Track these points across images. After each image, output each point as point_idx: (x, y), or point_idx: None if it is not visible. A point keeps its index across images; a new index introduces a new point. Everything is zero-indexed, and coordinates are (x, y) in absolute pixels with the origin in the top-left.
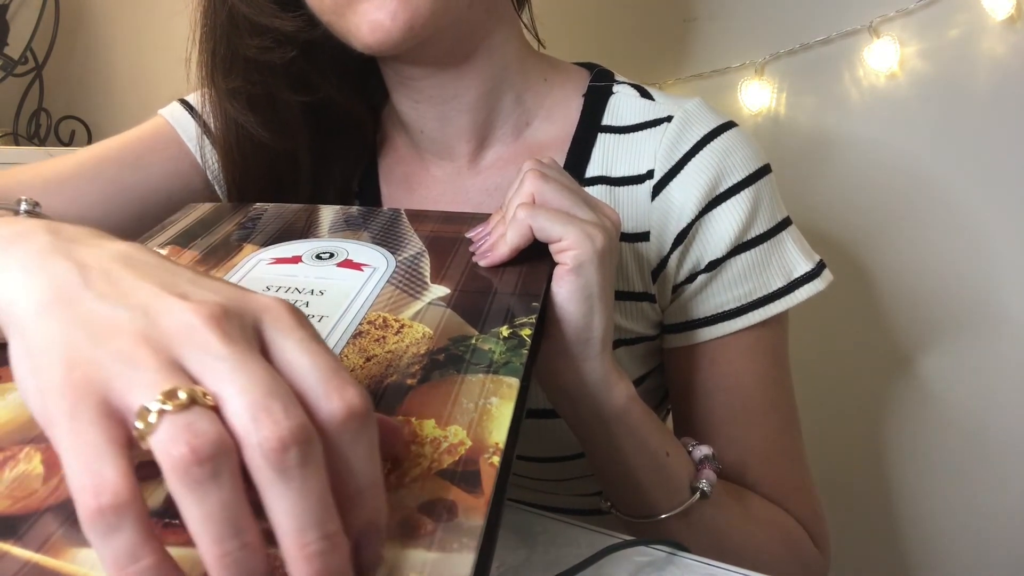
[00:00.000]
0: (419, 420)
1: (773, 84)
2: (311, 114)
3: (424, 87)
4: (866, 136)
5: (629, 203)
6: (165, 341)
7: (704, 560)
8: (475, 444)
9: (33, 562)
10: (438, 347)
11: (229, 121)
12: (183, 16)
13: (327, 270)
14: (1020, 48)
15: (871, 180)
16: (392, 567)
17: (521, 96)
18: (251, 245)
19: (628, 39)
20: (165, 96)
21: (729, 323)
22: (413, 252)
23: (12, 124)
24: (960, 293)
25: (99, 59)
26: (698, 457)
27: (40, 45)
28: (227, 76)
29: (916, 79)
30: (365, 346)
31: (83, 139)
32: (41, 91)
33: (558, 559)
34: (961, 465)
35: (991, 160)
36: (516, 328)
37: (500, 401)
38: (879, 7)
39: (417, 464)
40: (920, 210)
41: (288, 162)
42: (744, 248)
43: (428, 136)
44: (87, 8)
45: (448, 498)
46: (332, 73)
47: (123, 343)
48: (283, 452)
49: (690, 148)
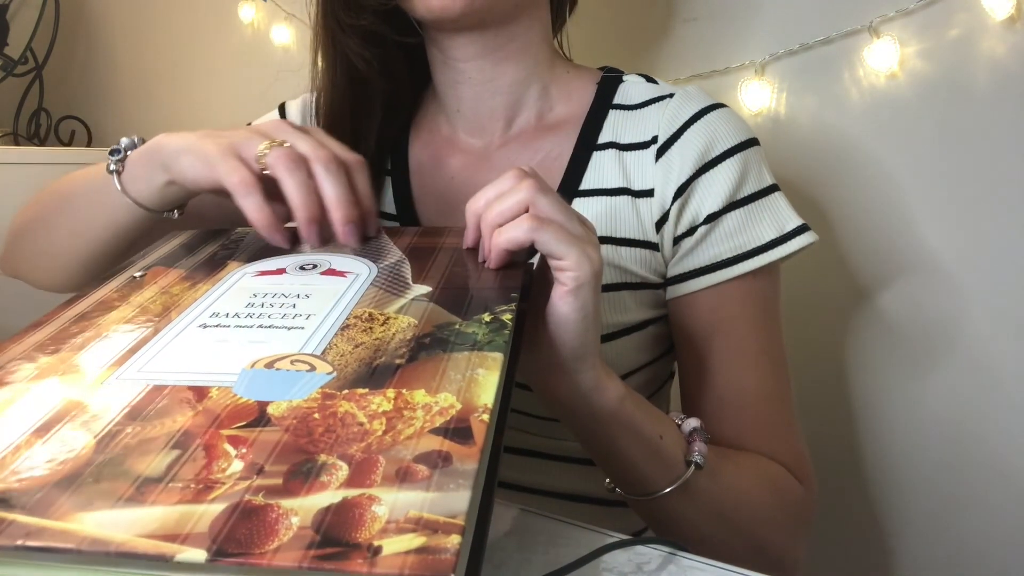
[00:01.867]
0: (409, 391)
1: (773, 84)
2: (390, 69)
3: (466, 69)
4: (866, 136)
5: (636, 165)
6: (263, 131)
7: (704, 560)
8: (465, 406)
9: (38, 525)
10: (424, 333)
11: (338, 54)
12: (183, 16)
13: (311, 278)
14: (1020, 48)
15: (871, 180)
16: (391, 506)
17: (547, 86)
18: (235, 262)
19: (628, 39)
20: (165, 96)
21: (726, 271)
22: (394, 260)
23: (12, 124)
24: (960, 293)
25: (99, 59)
26: (687, 430)
27: (40, 45)
28: (348, 15)
29: (916, 79)
30: (353, 336)
31: (83, 139)
32: (41, 91)
33: (558, 559)
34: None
35: (991, 160)
36: (497, 314)
37: (486, 372)
38: (879, 7)
39: (410, 425)
40: (920, 210)
41: (366, 100)
42: (738, 205)
43: (463, 114)
44: (87, 8)
45: (442, 449)
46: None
47: (243, 135)
48: (328, 162)
49: (688, 119)
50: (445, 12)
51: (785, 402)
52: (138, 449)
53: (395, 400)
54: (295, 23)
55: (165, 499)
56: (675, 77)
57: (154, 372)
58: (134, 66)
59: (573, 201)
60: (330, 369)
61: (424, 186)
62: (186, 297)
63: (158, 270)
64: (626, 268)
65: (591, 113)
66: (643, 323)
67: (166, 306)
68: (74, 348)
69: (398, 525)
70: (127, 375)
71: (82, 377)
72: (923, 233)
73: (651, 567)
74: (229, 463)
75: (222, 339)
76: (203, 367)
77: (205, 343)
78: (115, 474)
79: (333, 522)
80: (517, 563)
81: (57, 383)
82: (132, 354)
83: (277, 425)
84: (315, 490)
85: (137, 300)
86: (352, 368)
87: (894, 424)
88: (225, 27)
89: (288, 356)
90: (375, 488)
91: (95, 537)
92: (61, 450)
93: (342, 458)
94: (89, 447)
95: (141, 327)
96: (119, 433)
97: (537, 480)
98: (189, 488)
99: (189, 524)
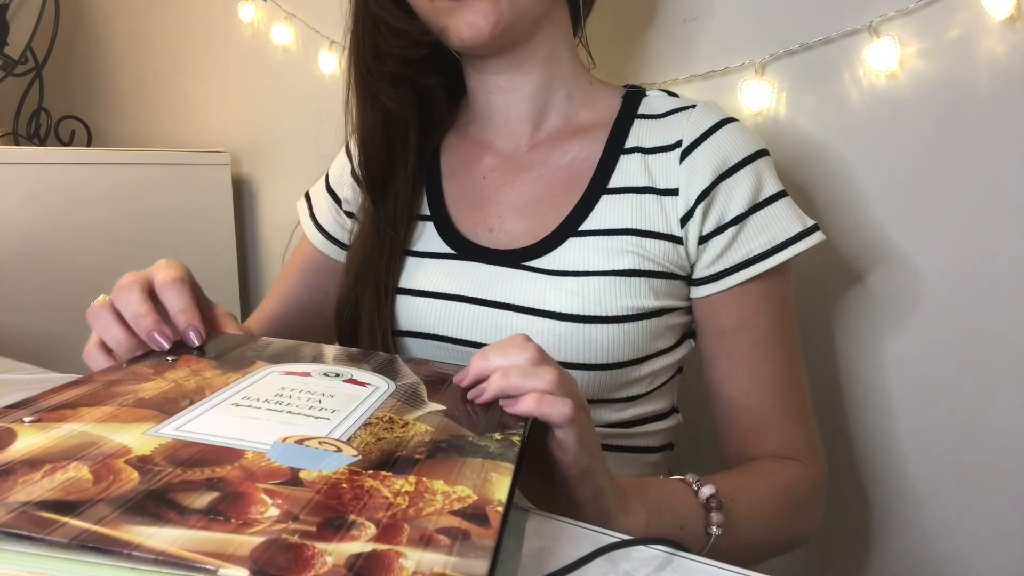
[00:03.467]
0: (430, 479)
1: (773, 84)
2: (422, 97)
3: (497, 80)
4: (866, 136)
5: (661, 166)
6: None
7: (703, 560)
8: (480, 498)
9: (92, 529)
10: (440, 438)
11: (372, 100)
12: (183, 16)
13: (335, 383)
14: (1020, 48)
15: (871, 180)
16: (418, 562)
17: (571, 92)
18: (262, 361)
19: (628, 39)
20: (165, 96)
21: (756, 266)
22: (410, 381)
23: (12, 124)
24: (960, 293)
25: (99, 59)
26: (704, 498)
27: (40, 45)
28: (378, 63)
29: (916, 79)
30: (375, 431)
31: (83, 139)
32: (41, 91)
33: (558, 559)
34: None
35: (991, 160)
36: (508, 435)
37: (499, 475)
38: (879, 7)
39: (431, 505)
40: (920, 210)
41: (403, 132)
42: (761, 206)
43: (494, 121)
44: (87, 8)
45: (461, 527)
46: (435, 70)
47: None
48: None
49: (711, 126)
50: (475, 39)
51: (800, 387)
52: (180, 486)
53: (416, 484)
54: (295, 23)
55: (208, 526)
56: (675, 77)
57: (190, 432)
58: (134, 66)
59: (602, 198)
60: (355, 453)
61: (457, 187)
62: (218, 381)
63: (189, 358)
64: (649, 257)
65: (618, 121)
66: (659, 311)
67: (199, 385)
68: (112, 402)
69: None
70: (164, 432)
71: (121, 426)
72: (923, 233)
73: (651, 567)
74: (266, 508)
75: (253, 417)
76: (237, 434)
77: (238, 417)
78: (160, 502)
79: (365, 566)
80: (516, 563)
81: (99, 426)
82: (168, 416)
83: (309, 488)
84: (346, 540)
85: (171, 376)
86: (375, 455)
87: (894, 424)
88: (225, 27)
89: (316, 437)
90: (402, 547)
91: (143, 543)
92: (107, 475)
93: (370, 520)
94: (134, 478)
95: (176, 397)
96: (161, 472)
97: None
98: (230, 522)
99: (231, 548)
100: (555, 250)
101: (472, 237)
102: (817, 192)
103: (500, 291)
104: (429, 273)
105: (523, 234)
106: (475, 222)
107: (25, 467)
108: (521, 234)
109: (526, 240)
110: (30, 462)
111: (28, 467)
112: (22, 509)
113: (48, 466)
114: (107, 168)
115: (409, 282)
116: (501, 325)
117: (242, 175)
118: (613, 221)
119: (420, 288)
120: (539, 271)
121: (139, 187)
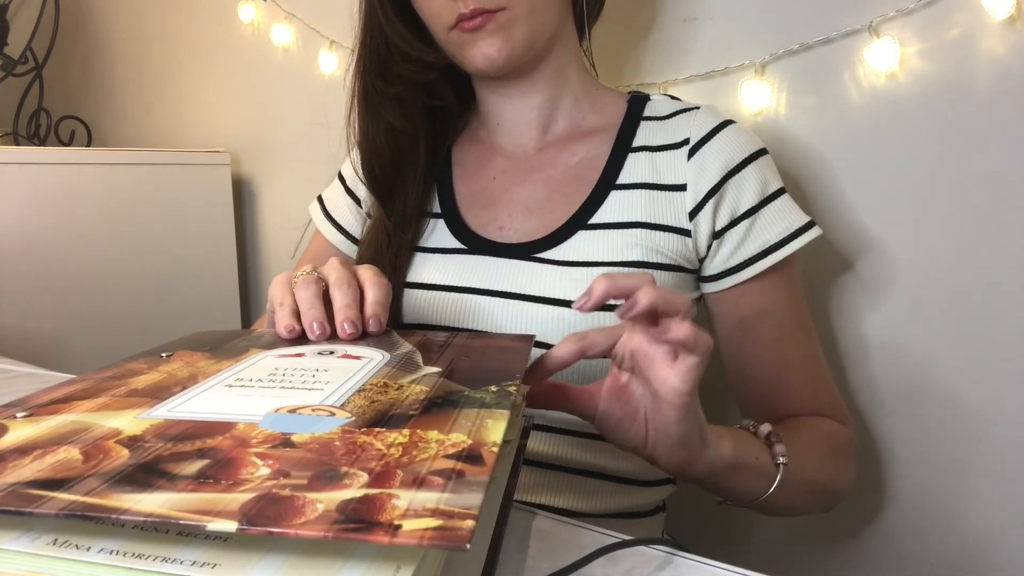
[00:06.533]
0: (423, 431)
1: (773, 84)
2: (432, 111)
3: (506, 89)
4: (866, 136)
5: (668, 162)
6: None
7: (703, 560)
8: (475, 442)
9: (81, 500)
10: (436, 396)
11: (377, 117)
12: (183, 16)
13: (329, 360)
14: (1020, 48)
15: (871, 180)
16: (410, 500)
17: (579, 99)
18: (257, 349)
19: (628, 39)
20: (165, 96)
21: (778, 252)
22: (405, 350)
23: (12, 124)
24: (960, 292)
25: (99, 59)
26: (764, 435)
27: (40, 45)
28: (385, 84)
29: (916, 79)
30: (369, 395)
31: (83, 139)
32: (41, 91)
33: (558, 559)
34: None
35: (991, 160)
36: (503, 386)
37: (494, 421)
38: (879, 7)
39: (425, 452)
40: (920, 210)
41: (411, 144)
42: (770, 199)
43: (503, 127)
44: (87, 8)
45: (456, 468)
46: (451, 86)
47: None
48: (339, 283)
49: (716, 126)
50: (490, 70)
51: (819, 360)
52: (171, 458)
53: (410, 436)
54: (295, 23)
55: (197, 489)
56: (675, 77)
57: (182, 412)
58: (134, 66)
59: (611, 193)
60: (349, 415)
61: (468, 188)
62: (211, 369)
63: (183, 352)
64: (658, 250)
65: (624, 123)
66: None
67: (192, 374)
68: (105, 394)
69: (417, 512)
70: (156, 414)
71: (113, 413)
72: (923, 232)
73: (651, 567)
74: (256, 469)
75: (246, 394)
76: (229, 410)
77: (231, 395)
78: (150, 472)
79: (356, 508)
80: (517, 563)
81: (90, 415)
82: (160, 401)
83: (300, 448)
84: (338, 489)
85: (164, 368)
86: (369, 416)
87: (893, 424)
88: (225, 27)
89: (309, 406)
90: (394, 489)
91: (131, 508)
92: (96, 454)
93: (362, 470)
94: (123, 455)
95: (170, 385)
96: (152, 447)
97: (552, 454)
98: (220, 483)
99: (220, 506)
100: (565, 242)
101: (483, 234)
102: (817, 192)
103: (510, 282)
104: (438, 267)
105: (533, 230)
106: (486, 220)
107: (15, 454)
108: (531, 230)
109: (536, 235)
110: (20, 449)
111: (18, 454)
112: (10, 488)
113: (38, 451)
114: (107, 168)
115: (417, 276)
116: (511, 313)
117: (242, 175)
118: (622, 215)
119: (429, 282)
120: (549, 262)
121: (139, 187)
